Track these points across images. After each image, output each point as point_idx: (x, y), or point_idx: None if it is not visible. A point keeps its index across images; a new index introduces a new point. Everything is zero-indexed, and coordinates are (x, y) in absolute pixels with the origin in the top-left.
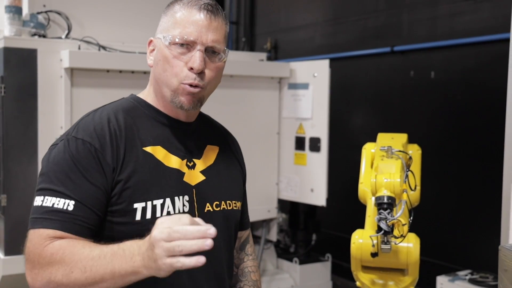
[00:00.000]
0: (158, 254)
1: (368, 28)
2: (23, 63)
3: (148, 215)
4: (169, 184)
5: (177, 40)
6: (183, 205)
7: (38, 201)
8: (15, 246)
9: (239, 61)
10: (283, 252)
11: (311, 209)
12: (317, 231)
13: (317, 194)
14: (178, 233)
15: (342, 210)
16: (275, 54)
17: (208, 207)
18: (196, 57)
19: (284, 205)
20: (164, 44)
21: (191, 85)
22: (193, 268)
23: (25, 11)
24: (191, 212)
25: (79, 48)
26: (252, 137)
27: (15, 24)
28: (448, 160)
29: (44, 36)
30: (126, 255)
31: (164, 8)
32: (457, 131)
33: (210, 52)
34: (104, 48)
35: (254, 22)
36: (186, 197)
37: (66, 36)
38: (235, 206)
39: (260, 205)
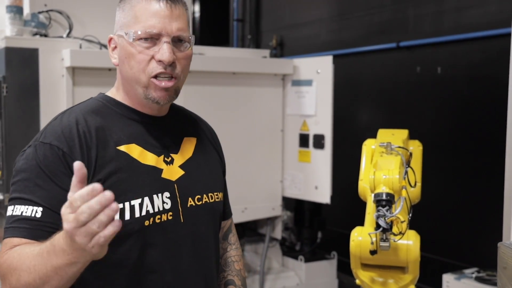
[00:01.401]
0: (81, 242)
1: (373, 23)
2: (24, 62)
3: (127, 216)
4: (147, 183)
5: (140, 34)
6: (163, 202)
7: (9, 210)
8: None
9: (242, 58)
10: (289, 250)
11: (317, 206)
12: (323, 228)
13: (321, 191)
14: (85, 214)
15: (347, 208)
16: (281, 51)
17: (190, 201)
18: (164, 49)
19: (289, 203)
20: (128, 41)
21: (159, 77)
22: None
23: (26, 10)
24: (174, 209)
25: (80, 47)
26: (256, 135)
27: (16, 24)
28: (455, 155)
29: (45, 36)
30: (57, 251)
31: (118, 3)
32: (464, 126)
33: (176, 41)
34: (105, 46)
35: (260, 19)
36: (167, 194)
37: (68, 35)
38: (217, 198)
39: (265, 202)
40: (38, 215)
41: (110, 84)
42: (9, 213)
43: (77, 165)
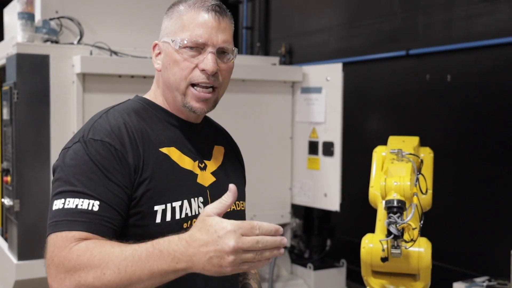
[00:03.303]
0: (232, 262)
1: (383, 31)
2: (35, 69)
3: (168, 217)
4: (185, 186)
5: (187, 43)
6: (198, 206)
7: (58, 204)
8: (28, 251)
9: (252, 65)
10: (298, 258)
11: (326, 214)
12: (332, 236)
13: (330, 199)
14: (261, 245)
15: (357, 215)
16: (290, 58)
17: None
18: (208, 59)
19: (298, 210)
20: (174, 48)
21: (198, 86)
22: None
23: (38, 17)
24: None
25: (91, 54)
26: (265, 142)
27: (28, 30)
28: (465, 163)
29: (56, 42)
30: (165, 256)
31: (166, 10)
32: (474, 134)
33: (220, 52)
34: (115, 53)
35: (269, 27)
36: (201, 199)
37: (78, 42)
38: (243, 206)
39: (273, 210)
40: (96, 208)
41: (120, 90)
42: (57, 206)
43: (233, 188)
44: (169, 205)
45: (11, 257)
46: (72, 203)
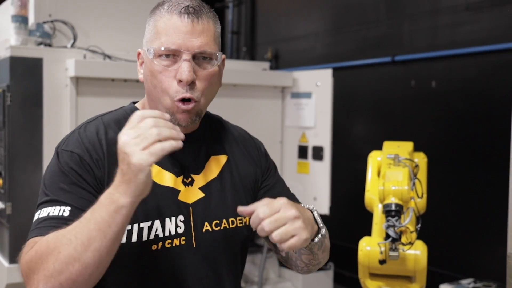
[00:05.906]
0: (131, 151)
1: (369, 37)
2: (29, 72)
3: (134, 238)
4: (161, 205)
5: (161, 50)
6: (177, 226)
7: (35, 216)
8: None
9: (242, 70)
10: None
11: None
12: None
13: (320, 202)
14: (147, 124)
15: (344, 219)
16: (276, 63)
17: (206, 226)
18: (183, 68)
19: None
20: (149, 57)
21: (183, 100)
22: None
23: (31, 20)
24: (187, 233)
25: (84, 57)
26: None
27: (21, 33)
28: (450, 169)
29: (49, 45)
30: (101, 202)
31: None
32: (459, 140)
33: (200, 58)
34: (109, 57)
35: (255, 32)
36: (181, 217)
37: (72, 46)
38: (240, 223)
39: None
40: (66, 213)
41: (113, 94)
42: (35, 218)
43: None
44: (135, 226)
45: (2, 260)
46: (45, 212)
